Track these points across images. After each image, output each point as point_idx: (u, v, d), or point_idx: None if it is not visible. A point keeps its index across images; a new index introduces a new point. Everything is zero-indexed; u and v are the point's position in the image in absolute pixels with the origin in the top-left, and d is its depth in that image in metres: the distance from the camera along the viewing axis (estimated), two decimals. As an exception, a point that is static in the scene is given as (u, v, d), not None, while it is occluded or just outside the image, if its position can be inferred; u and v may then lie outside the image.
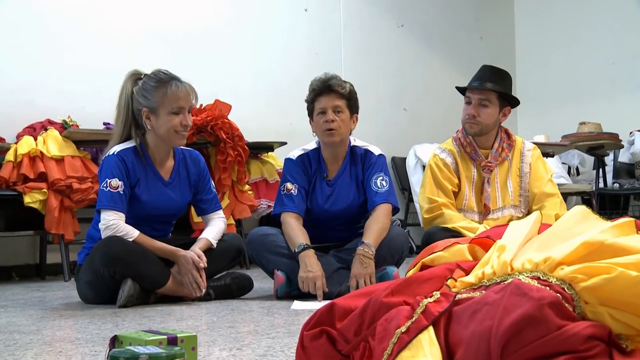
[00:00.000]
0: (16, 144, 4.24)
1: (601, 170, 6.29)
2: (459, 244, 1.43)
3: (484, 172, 3.41)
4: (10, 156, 4.16)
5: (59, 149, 4.23)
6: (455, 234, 3.14)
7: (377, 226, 3.08)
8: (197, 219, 4.25)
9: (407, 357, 1.11)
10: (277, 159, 5.17)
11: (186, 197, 3.17)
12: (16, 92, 4.54)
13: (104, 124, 4.66)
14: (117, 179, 2.92)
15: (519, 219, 2.06)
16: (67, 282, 4.13)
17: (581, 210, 1.30)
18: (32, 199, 4.11)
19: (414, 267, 1.48)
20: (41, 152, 4.18)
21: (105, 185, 2.92)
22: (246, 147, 4.77)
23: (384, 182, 3.22)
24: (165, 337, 1.39)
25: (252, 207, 4.88)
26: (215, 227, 3.16)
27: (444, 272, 1.31)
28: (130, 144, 3.03)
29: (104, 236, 2.88)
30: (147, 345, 1.32)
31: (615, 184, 6.32)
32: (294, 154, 3.33)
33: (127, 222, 2.92)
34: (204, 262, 2.94)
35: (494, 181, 3.42)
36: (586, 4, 7.45)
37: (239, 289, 3.13)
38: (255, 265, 3.75)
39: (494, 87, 3.36)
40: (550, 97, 7.52)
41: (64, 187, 4.17)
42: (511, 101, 3.44)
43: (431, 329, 1.14)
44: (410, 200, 6.27)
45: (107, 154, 3.01)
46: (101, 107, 4.61)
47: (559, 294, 1.10)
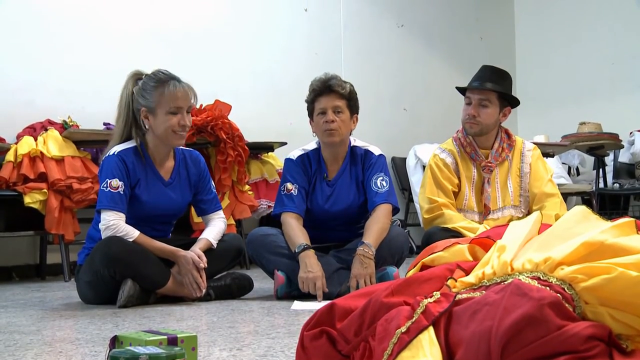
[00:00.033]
0: (16, 144, 4.24)
1: (601, 170, 6.29)
2: (459, 244, 1.43)
3: (484, 172, 3.41)
4: (10, 156, 4.16)
5: (59, 149, 4.23)
6: (455, 234, 3.14)
7: (377, 226, 3.08)
8: (197, 219, 4.25)
9: (407, 357, 1.11)
10: (277, 159, 5.17)
11: (186, 198, 3.17)
12: (16, 92, 4.54)
13: (104, 124, 4.66)
14: (117, 179, 2.92)
15: (519, 219, 2.06)
16: (67, 282, 4.13)
17: (581, 210, 1.30)
18: (32, 199, 4.11)
19: (414, 267, 1.48)
20: (41, 152, 4.18)
21: (105, 185, 2.92)
22: (246, 148, 4.77)
23: (384, 182, 3.22)
24: (165, 337, 1.39)
25: (252, 207, 4.88)
26: (215, 228, 3.16)
27: (444, 273, 1.31)
28: (130, 144, 3.03)
29: (104, 236, 2.88)
30: (147, 345, 1.32)
31: (615, 184, 6.32)
32: (294, 154, 3.33)
33: (127, 222, 2.92)
34: (204, 263, 2.94)
35: (494, 181, 3.42)
36: (586, 4, 7.45)
37: (239, 289, 3.13)
38: (255, 265, 3.75)
39: (494, 87, 3.36)
40: (550, 97, 7.52)
41: (64, 187, 4.17)
42: (511, 101, 3.44)
43: (431, 329, 1.14)
44: (410, 200, 6.27)
45: (107, 154, 3.01)
46: (101, 107, 4.62)
47: (559, 294, 1.10)
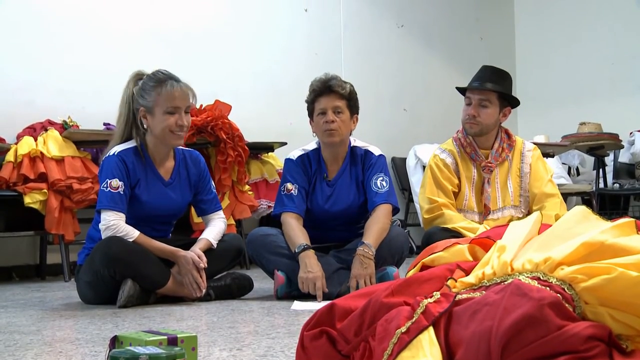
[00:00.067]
0: (16, 144, 4.24)
1: (601, 170, 6.29)
2: (459, 244, 1.43)
3: (484, 173, 3.41)
4: (10, 157, 4.16)
5: (59, 149, 4.23)
6: (455, 234, 3.14)
7: (377, 226, 3.08)
8: (197, 220, 4.25)
9: (407, 358, 1.11)
10: (277, 159, 5.17)
11: (186, 198, 3.17)
12: (16, 92, 4.54)
13: (104, 124, 4.66)
14: (117, 180, 2.92)
15: (519, 219, 2.06)
16: (67, 282, 4.13)
17: (581, 210, 1.30)
18: (32, 200, 4.11)
19: (414, 267, 1.48)
20: (41, 152, 4.18)
21: (105, 185, 2.92)
22: (246, 148, 4.77)
23: (384, 182, 3.22)
24: (165, 337, 1.39)
25: (252, 207, 4.88)
26: (215, 228, 3.16)
27: (444, 273, 1.31)
28: (130, 144, 3.03)
29: (104, 236, 2.88)
30: (147, 345, 1.32)
31: (615, 184, 6.31)
32: (294, 154, 3.33)
33: (127, 222, 2.92)
34: (204, 263, 2.94)
35: (494, 181, 3.42)
36: (586, 4, 7.45)
37: (239, 289, 3.13)
38: (255, 265, 3.75)
39: (494, 87, 3.36)
40: (550, 97, 7.52)
41: (64, 187, 4.16)
42: (511, 101, 3.44)
43: (431, 329, 1.14)
44: (410, 200, 6.27)
45: (107, 154, 3.01)
46: (101, 107, 4.62)
47: (559, 294, 1.10)
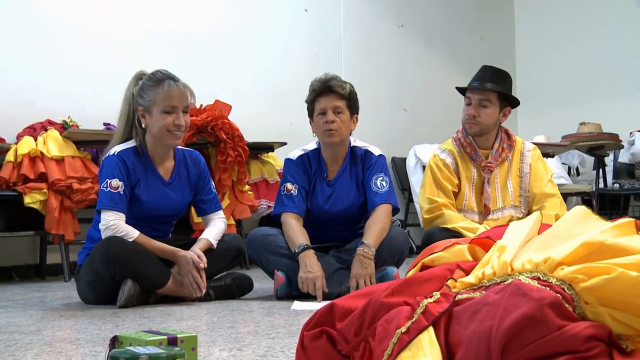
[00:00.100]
0: (16, 144, 4.24)
1: (601, 170, 6.29)
2: (459, 244, 1.43)
3: (484, 173, 3.41)
4: (10, 156, 4.16)
5: (59, 149, 4.23)
6: (455, 234, 3.14)
7: (377, 226, 3.08)
8: (197, 220, 4.25)
9: (407, 358, 1.11)
10: (277, 159, 5.17)
11: (186, 198, 3.17)
12: (16, 92, 4.54)
13: (104, 124, 4.66)
14: (117, 180, 2.92)
15: (519, 219, 2.05)
16: (67, 282, 4.13)
17: (581, 210, 1.30)
18: (32, 200, 4.11)
19: (414, 267, 1.48)
20: (41, 152, 4.18)
21: (105, 185, 2.92)
22: (246, 148, 4.77)
23: (384, 182, 3.22)
24: (165, 337, 1.39)
25: (252, 207, 4.88)
26: (215, 228, 3.16)
27: (444, 273, 1.31)
28: (130, 144, 3.03)
29: (104, 236, 2.88)
30: (147, 345, 1.32)
31: (615, 185, 6.32)
32: (294, 154, 3.33)
33: (127, 222, 2.92)
34: (204, 263, 2.94)
35: (494, 181, 3.42)
36: (586, 4, 7.45)
37: (239, 289, 3.13)
38: (255, 265, 3.75)
39: (494, 87, 3.36)
40: (550, 98, 7.52)
41: (64, 187, 4.16)
42: (511, 101, 3.44)
43: (431, 329, 1.14)
44: (410, 200, 6.27)
45: (107, 154, 3.01)
46: (101, 107, 4.62)
47: (559, 295, 1.10)
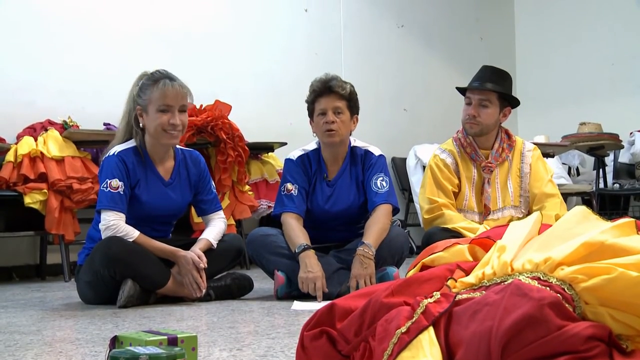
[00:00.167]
0: (16, 144, 4.24)
1: (601, 170, 6.29)
2: (459, 244, 1.43)
3: (484, 173, 3.41)
4: (10, 157, 4.16)
5: (59, 149, 4.23)
6: (455, 234, 3.14)
7: (377, 227, 3.08)
8: (197, 220, 4.25)
9: (408, 358, 1.11)
10: (277, 160, 5.17)
11: (186, 198, 3.17)
12: (16, 92, 4.54)
13: (104, 124, 4.66)
14: (117, 180, 2.92)
15: (519, 219, 2.06)
16: (67, 282, 4.13)
17: (581, 210, 1.30)
18: (32, 200, 4.11)
19: (414, 267, 1.48)
20: (41, 152, 4.18)
21: (105, 185, 2.92)
22: (246, 148, 4.77)
23: (384, 182, 3.22)
24: (165, 337, 1.39)
25: (252, 207, 4.88)
26: (215, 228, 3.16)
27: (444, 273, 1.31)
28: (130, 144, 3.03)
29: (104, 236, 2.88)
30: (147, 345, 1.32)
31: (615, 185, 6.31)
32: (294, 155, 3.33)
33: (127, 222, 2.92)
34: (204, 263, 2.94)
35: (494, 182, 3.42)
36: (586, 4, 7.45)
37: (239, 290, 3.13)
38: (255, 265, 3.75)
39: (494, 87, 3.36)
40: (550, 98, 7.52)
41: (64, 187, 4.16)
42: (511, 101, 3.44)
43: (431, 329, 1.14)
44: (410, 200, 6.27)
45: (107, 155, 3.01)
46: (101, 107, 4.62)
47: (559, 295, 1.10)
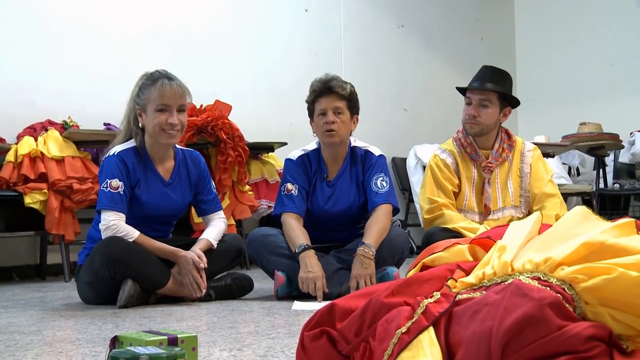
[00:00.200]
0: (16, 144, 4.24)
1: (601, 170, 6.29)
2: (460, 244, 1.43)
3: (484, 173, 3.41)
4: (10, 157, 4.16)
5: (60, 149, 4.23)
6: (455, 234, 3.14)
7: (378, 227, 3.08)
8: (197, 220, 4.25)
9: (408, 358, 1.11)
10: (278, 160, 5.17)
11: (186, 198, 3.17)
12: (16, 92, 4.54)
13: (105, 124, 4.66)
14: (117, 180, 2.92)
15: (520, 219, 2.05)
16: (68, 282, 4.13)
17: (581, 210, 1.30)
18: (32, 200, 4.11)
19: (415, 267, 1.48)
20: (41, 152, 4.18)
21: (105, 185, 2.92)
22: (246, 148, 4.77)
23: (384, 182, 3.22)
24: (165, 337, 1.39)
25: (253, 207, 4.88)
26: (215, 228, 3.16)
27: (444, 273, 1.31)
28: (130, 144, 3.03)
29: (104, 237, 2.88)
30: (147, 345, 1.32)
31: (615, 185, 6.31)
32: (294, 155, 3.33)
33: (127, 222, 2.92)
34: (204, 263, 2.94)
35: (494, 182, 3.42)
36: (586, 4, 7.45)
37: (239, 290, 3.13)
38: (255, 265, 3.75)
39: (494, 87, 3.36)
40: (550, 98, 7.52)
41: (65, 187, 4.16)
42: (511, 101, 3.44)
43: (431, 329, 1.14)
44: (410, 200, 6.27)
45: (107, 155, 3.01)
46: (101, 107, 4.62)
47: (559, 295, 1.10)
